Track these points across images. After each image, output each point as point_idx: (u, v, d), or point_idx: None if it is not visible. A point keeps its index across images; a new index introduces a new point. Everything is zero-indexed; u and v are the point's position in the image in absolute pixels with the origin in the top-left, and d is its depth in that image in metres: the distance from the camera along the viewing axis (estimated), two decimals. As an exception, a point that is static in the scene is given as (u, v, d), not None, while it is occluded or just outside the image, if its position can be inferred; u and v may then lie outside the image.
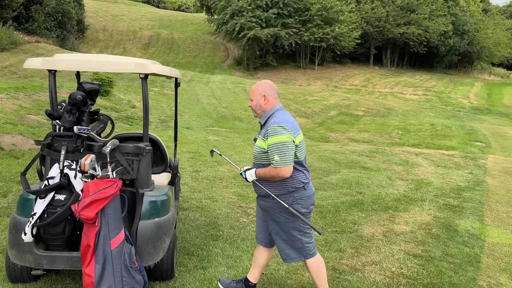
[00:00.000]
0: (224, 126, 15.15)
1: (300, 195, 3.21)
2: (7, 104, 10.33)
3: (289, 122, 3.15)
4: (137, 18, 53.20)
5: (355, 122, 17.14)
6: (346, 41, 38.08)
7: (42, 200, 3.29)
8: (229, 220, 5.44)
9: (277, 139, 3.03)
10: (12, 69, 21.38)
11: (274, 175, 3.09)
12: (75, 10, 33.90)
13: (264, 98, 3.25)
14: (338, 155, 10.30)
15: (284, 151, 3.01)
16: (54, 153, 3.40)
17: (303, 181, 3.24)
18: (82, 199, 3.29)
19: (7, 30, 23.91)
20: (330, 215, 5.75)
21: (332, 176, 8.06)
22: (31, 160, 7.05)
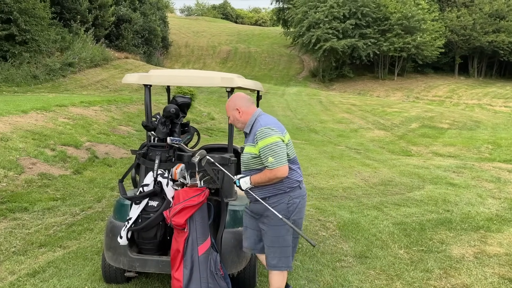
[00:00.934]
0: (299, 138, 15.14)
1: (296, 194, 3.21)
2: (101, 116, 11.24)
3: (274, 123, 3.20)
4: (216, 33, 55.35)
5: (439, 135, 16.23)
6: (429, 51, 36.37)
7: (137, 206, 3.52)
8: (307, 233, 5.40)
9: (268, 140, 3.04)
10: (103, 83, 23.24)
11: (271, 177, 3.07)
12: (161, 27, 36.13)
13: (237, 111, 3.26)
14: (421, 170, 9.81)
15: (277, 151, 3.02)
16: (148, 162, 3.64)
17: (298, 179, 3.25)
18: (173, 206, 3.48)
19: (100, 47, 26.11)
20: (415, 233, 5.48)
21: (416, 192, 7.69)
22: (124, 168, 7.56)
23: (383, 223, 5.83)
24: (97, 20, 26.44)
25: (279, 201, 3.17)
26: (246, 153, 3.22)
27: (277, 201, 3.18)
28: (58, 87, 20.12)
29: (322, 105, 23.85)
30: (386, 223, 5.84)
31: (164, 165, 3.62)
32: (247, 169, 3.25)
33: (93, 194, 6.47)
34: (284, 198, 3.17)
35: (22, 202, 5.66)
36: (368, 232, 5.44)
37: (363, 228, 5.60)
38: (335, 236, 5.30)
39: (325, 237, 5.28)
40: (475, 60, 42.02)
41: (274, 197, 3.17)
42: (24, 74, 19.37)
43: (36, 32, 20.05)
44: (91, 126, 9.93)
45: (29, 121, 8.69)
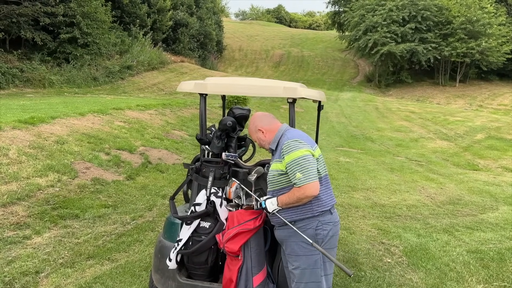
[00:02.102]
0: (355, 147, 14.47)
1: (326, 220, 2.82)
2: (156, 119, 11.25)
3: (302, 136, 2.89)
4: (270, 37, 55.29)
5: (508, 148, 14.92)
6: (495, 56, 34.04)
7: (188, 227, 3.22)
8: (370, 258, 4.90)
9: (295, 154, 2.72)
10: (160, 86, 23.68)
11: (300, 196, 2.69)
12: (216, 31, 36.54)
13: (261, 132, 3.03)
14: (492, 187, 8.92)
15: (306, 165, 2.69)
16: (202, 179, 3.34)
17: (330, 202, 2.87)
18: (226, 229, 3.15)
19: (157, 51, 26.73)
20: (494, 265, 4.81)
21: (490, 213, 6.92)
22: (176, 175, 7.37)
23: (456, 250, 5.20)
24: (155, 24, 27.08)
25: (306, 226, 2.79)
26: (272, 170, 2.88)
27: (304, 226, 2.79)
28: (116, 89, 20.69)
29: (378, 111, 22.89)
30: (459, 250, 5.20)
31: (218, 183, 3.30)
32: (274, 188, 2.89)
33: (144, 202, 6.32)
34: (312, 223, 2.79)
35: (74, 208, 5.58)
36: (439, 261, 4.85)
37: (433, 255, 5.01)
38: (402, 264, 4.76)
39: (391, 264, 4.75)
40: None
41: (301, 221, 2.79)
42: (85, 76, 20.09)
43: (97, 35, 20.76)
44: (146, 130, 9.92)
45: (85, 124, 8.77)
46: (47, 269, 4.15)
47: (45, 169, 6.29)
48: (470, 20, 33.48)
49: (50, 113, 8.72)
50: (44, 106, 10.21)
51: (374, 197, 7.61)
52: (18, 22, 18.20)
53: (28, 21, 18.58)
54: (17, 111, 9.12)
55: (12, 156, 6.31)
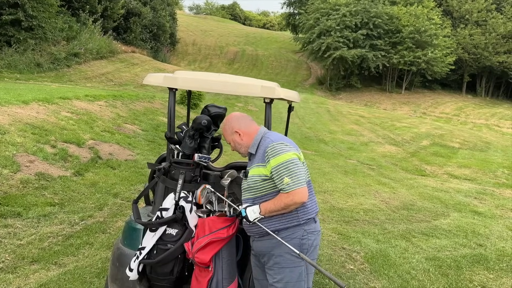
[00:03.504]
0: (309, 149, 14.57)
1: (311, 228, 2.63)
2: (106, 112, 10.65)
3: (286, 139, 2.70)
4: (224, 34, 54.85)
5: (452, 155, 15.67)
6: (439, 67, 35.85)
7: (153, 234, 2.93)
8: (333, 264, 4.82)
9: (282, 158, 2.50)
10: (108, 76, 22.66)
11: (288, 203, 2.47)
12: (169, 24, 35.57)
13: (238, 135, 2.78)
14: (441, 193, 9.25)
15: (294, 169, 2.47)
16: (170, 181, 3.06)
17: (315, 210, 2.70)
18: (195, 237, 2.90)
19: (107, 39, 25.53)
20: (452, 272, 4.90)
21: (442, 220, 7.12)
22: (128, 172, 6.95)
23: (415, 257, 5.25)
24: (106, 12, 25.86)
25: (291, 235, 2.57)
26: (253, 176, 2.62)
27: (289, 235, 2.57)
28: (62, 77, 19.50)
29: (330, 114, 23.30)
30: (418, 257, 5.26)
31: (188, 186, 3.04)
32: (255, 195, 2.63)
33: (94, 201, 5.88)
34: (297, 232, 2.58)
35: (16, 206, 5.07)
36: (400, 268, 4.86)
37: (394, 262, 5.02)
38: (365, 271, 4.72)
39: (354, 271, 4.70)
40: (484, 79, 41.61)
41: (285, 231, 2.57)
42: (28, 61, 18.76)
43: (43, 19, 19.45)
44: (95, 122, 9.33)
45: (29, 113, 8.09)
46: (-17, 275, 3.68)
47: (-18, 161, 5.67)
48: (418, 30, 34.98)
49: (-12, 100, 7.95)
50: (-18, 91, 9.32)
51: (332, 201, 7.61)
52: (-47, -2, 16.65)
53: (-36, -3, 17.05)
54: (-51, 95, 8.24)
55: None
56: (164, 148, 9.65)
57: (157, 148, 9.49)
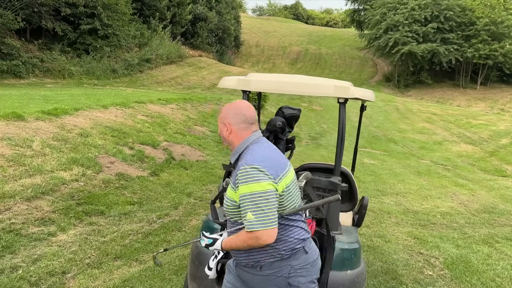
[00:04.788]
0: (377, 148, 14.13)
1: (300, 263, 2.21)
2: (177, 114, 11.06)
3: (267, 159, 2.14)
4: (287, 34, 54.85)
5: (536, 155, 14.46)
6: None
7: (230, 234, 2.98)
8: (410, 270, 4.62)
9: (251, 188, 2.04)
10: (178, 80, 23.53)
11: (251, 244, 2.06)
12: (234, 27, 36.25)
13: (225, 127, 2.31)
14: (527, 196, 8.55)
15: (261, 205, 2.02)
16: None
17: (302, 237, 2.25)
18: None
19: (176, 45, 26.56)
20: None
21: (530, 225, 6.57)
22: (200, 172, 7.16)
23: (499, 264, 4.90)
24: (174, 18, 26.91)
25: (277, 273, 2.19)
26: (227, 198, 2.22)
27: (274, 273, 2.19)
28: (135, 82, 20.59)
29: (399, 112, 22.44)
30: (503, 264, 4.90)
31: (264, 188, 3.05)
32: (235, 219, 2.24)
33: (170, 200, 6.12)
34: (283, 269, 2.19)
35: (99, 204, 5.41)
36: (484, 275, 4.55)
37: (476, 269, 4.71)
38: (445, 278, 4.47)
39: (433, 278, 4.47)
40: None
41: (269, 266, 2.19)
42: (104, 68, 20.02)
43: (117, 27, 20.66)
44: (168, 125, 9.73)
45: (109, 117, 8.61)
46: (73, 269, 3.96)
47: (69, 162, 6.12)
48: (494, 21, 32.66)
49: (73, 105, 8.57)
50: (66, 97, 10.08)
51: (405, 203, 7.31)
52: (39, 12, 18.16)
53: (49, 11, 18.53)
54: (39, 102, 8.99)
55: (36, 148, 6.15)
56: (232, 149, 9.84)
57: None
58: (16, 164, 5.58)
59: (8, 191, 4.97)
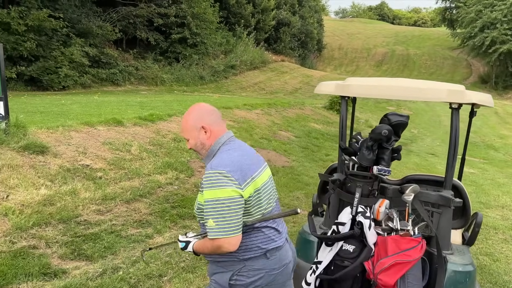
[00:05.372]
0: (476, 156, 13.00)
1: (255, 265, 2.07)
2: (262, 119, 11.12)
3: (234, 163, 2.01)
4: (372, 35, 53.19)
5: None
6: None
7: (329, 249, 2.83)
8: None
9: (214, 194, 1.93)
10: (261, 85, 23.83)
11: (214, 250, 1.98)
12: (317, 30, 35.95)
13: (204, 132, 2.12)
14: None
15: (223, 213, 1.92)
16: (345, 195, 2.92)
17: (264, 246, 2.08)
18: (375, 256, 2.70)
19: (259, 50, 26.96)
20: None
21: None
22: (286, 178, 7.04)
23: None
24: (258, 24, 27.38)
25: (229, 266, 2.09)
26: (197, 202, 2.15)
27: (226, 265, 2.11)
28: (220, 88, 21.21)
29: (498, 116, 20.56)
30: None
31: (366, 201, 2.86)
32: (200, 222, 2.20)
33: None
34: (235, 266, 2.08)
35: (192, 208, 5.53)
36: None
37: None
38: None
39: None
40: None
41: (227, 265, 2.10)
42: (193, 75, 20.89)
43: (205, 36, 21.47)
44: (254, 130, 9.80)
45: (198, 122, 8.87)
46: (169, 272, 4.05)
47: (164, 166, 6.37)
48: None
49: (166, 111, 8.97)
50: (160, 104, 10.61)
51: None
52: (135, 23, 19.46)
53: (143, 22, 19.79)
54: (136, 108, 9.55)
55: (134, 152, 6.49)
56: (318, 154, 9.63)
57: (310, 154, 9.52)
58: (116, 168, 5.92)
59: (110, 193, 5.28)
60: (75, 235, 4.32)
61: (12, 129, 5.40)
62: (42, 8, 15.19)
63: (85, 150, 6.00)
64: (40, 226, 4.24)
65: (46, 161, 5.37)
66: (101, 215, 4.89)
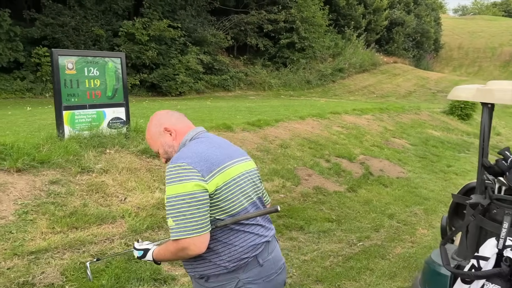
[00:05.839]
0: None
1: (251, 276, 1.82)
2: (373, 125, 10.50)
3: (197, 154, 1.78)
4: (497, 33, 48.04)
5: None
6: None
7: (467, 286, 2.36)
8: None
9: (173, 189, 1.70)
10: (370, 88, 22.84)
11: (181, 255, 1.76)
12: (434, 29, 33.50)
13: (169, 134, 1.96)
14: None
15: (183, 210, 1.67)
16: (490, 223, 2.42)
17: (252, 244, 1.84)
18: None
19: (369, 52, 25.93)
20: None
21: None
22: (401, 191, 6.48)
23: None
24: (369, 25, 26.37)
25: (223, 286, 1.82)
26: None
27: (220, 286, 1.82)
28: (327, 92, 20.78)
29: None
30: None
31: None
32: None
33: (370, 220, 5.64)
34: (230, 283, 1.81)
35: (298, 219, 5.30)
36: None
37: None
38: None
39: None
40: None
41: (215, 278, 1.82)
42: (299, 79, 20.80)
43: (313, 39, 21.25)
44: (364, 136, 9.27)
45: (306, 128, 8.65)
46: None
47: (270, 173, 6.25)
48: None
49: (273, 116, 8.91)
50: (268, 109, 10.62)
51: None
52: (245, 30, 19.99)
53: (253, 28, 20.24)
54: (245, 113, 9.66)
55: (242, 157, 6.48)
56: (438, 165, 8.76)
57: (429, 165, 8.68)
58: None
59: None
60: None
61: (131, 134, 5.71)
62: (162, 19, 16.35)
63: (196, 154, 6.13)
64: (153, 229, 4.36)
65: (161, 165, 5.57)
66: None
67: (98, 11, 16.30)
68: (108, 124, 5.52)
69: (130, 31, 15.65)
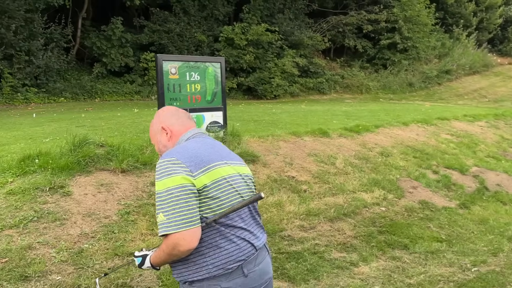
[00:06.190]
0: None
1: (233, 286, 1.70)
2: (488, 134, 9.42)
3: (186, 151, 1.74)
4: None
5: None
6: None
7: None
8: None
9: (162, 184, 1.64)
10: (481, 92, 20.84)
11: (173, 253, 1.65)
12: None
13: (165, 134, 1.92)
14: None
15: (172, 204, 1.61)
16: None
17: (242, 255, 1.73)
18: None
19: (481, 53, 23.70)
20: None
21: None
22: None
23: None
24: (481, 24, 24.09)
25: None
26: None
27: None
28: (432, 95, 19.35)
29: None
30: None
31: None
32: None
33: (486, 243, 4.97)
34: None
35: (402, 236, 4.83)
36: None
37: None
38: None
39: None
40: None
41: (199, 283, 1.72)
42: (401, 82, 19.65)
43: (417, 39, 19.97)
44: (478, 146, 8.33)
45: (409, 135, 8.01)
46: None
47: (370, 183, 5.84)
48: None
49: (373, 121, 8.41)
50: (366, 114, 10.09)
51: None
52: (343, 31, 19.43)
53: (352, 29, 19.59)
54: (341, 118, 9.26)
55: (338, 166, 6.15)
56: None
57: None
58: (320, 181, 5.67)
59: (313, 209, 5.04)
60: (279, 251, 4.18)
61: (228, 138, 5.71)
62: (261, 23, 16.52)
63: (291, 161, 5.95)
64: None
65: (256, 170, 5.48)
66: (305, 231, 4.68)
67: (200, 17, 17.00)
68: (207, 128, 5.57)
69: (230, 36, 16.05)
